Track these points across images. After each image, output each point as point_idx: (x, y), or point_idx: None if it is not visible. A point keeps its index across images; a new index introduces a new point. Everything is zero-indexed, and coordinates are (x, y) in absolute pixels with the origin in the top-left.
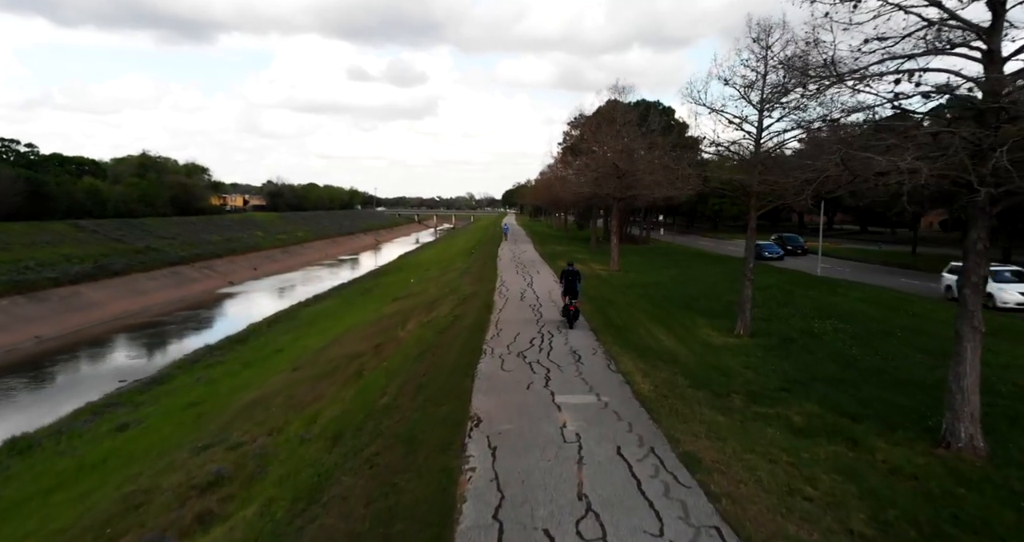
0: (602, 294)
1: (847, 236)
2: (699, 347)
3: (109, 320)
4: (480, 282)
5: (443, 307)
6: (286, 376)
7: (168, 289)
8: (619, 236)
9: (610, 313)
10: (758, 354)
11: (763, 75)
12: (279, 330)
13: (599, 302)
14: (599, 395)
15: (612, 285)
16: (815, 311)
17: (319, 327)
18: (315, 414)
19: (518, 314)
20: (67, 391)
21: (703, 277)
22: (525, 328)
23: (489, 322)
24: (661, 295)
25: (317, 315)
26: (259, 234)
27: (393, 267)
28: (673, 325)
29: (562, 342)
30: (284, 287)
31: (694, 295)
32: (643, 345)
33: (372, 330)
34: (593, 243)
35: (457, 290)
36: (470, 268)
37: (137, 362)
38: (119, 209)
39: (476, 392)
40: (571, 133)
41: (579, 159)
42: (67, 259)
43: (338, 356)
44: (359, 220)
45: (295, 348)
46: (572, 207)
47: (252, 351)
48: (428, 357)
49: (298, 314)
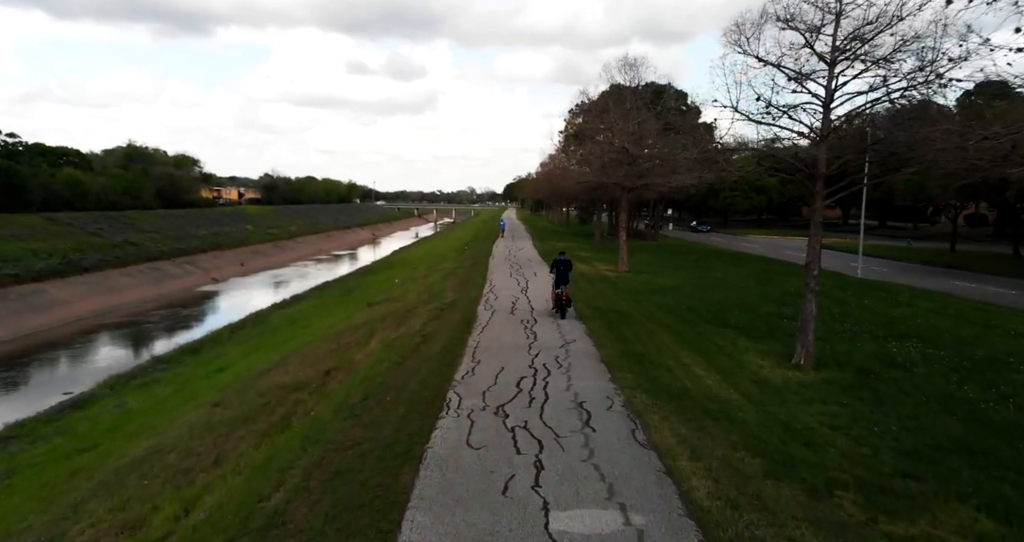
0: (612, 304)
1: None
2: (754, 388)
3: (73, 321)
4: (465, 287)
5: (416, 320)
6: (204, 413)
7: (143, 286)
8: (628, 232)
9: (626, 333)
10: (837, 399)
11: (837, 14)
12: (239, 338)
13: (610, 316)
14: (625, 509)
15: (623, 290)
16: (883, 328)
17: (280, 336)
18: (195, 498)
19: (505, 335)
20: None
21: (728, 281)
22: (512, 359)
23: (465, 347)
24: (684, 305)
25: (287, 320)
26: (249, 228)
27: (383, 264)
28: (710, 350)
29: (563, 384)
30: (268, 285)
31: (723, 304)
32: (678, 388)
33: (331, 347)
34: (597, 239)
35: (438, 296)
36: (457, 268)
37: (80, 373)
38: (101, 201)
39: (415, 503)
40: (573, 121)
41: (583, 146)
42: (34, 254)
43: (276, 386)
44: (356, 214)
45: (239, 367)
46: (574, 200)
47: (195, 368)
48: (370, 409)
49: (268, 318)
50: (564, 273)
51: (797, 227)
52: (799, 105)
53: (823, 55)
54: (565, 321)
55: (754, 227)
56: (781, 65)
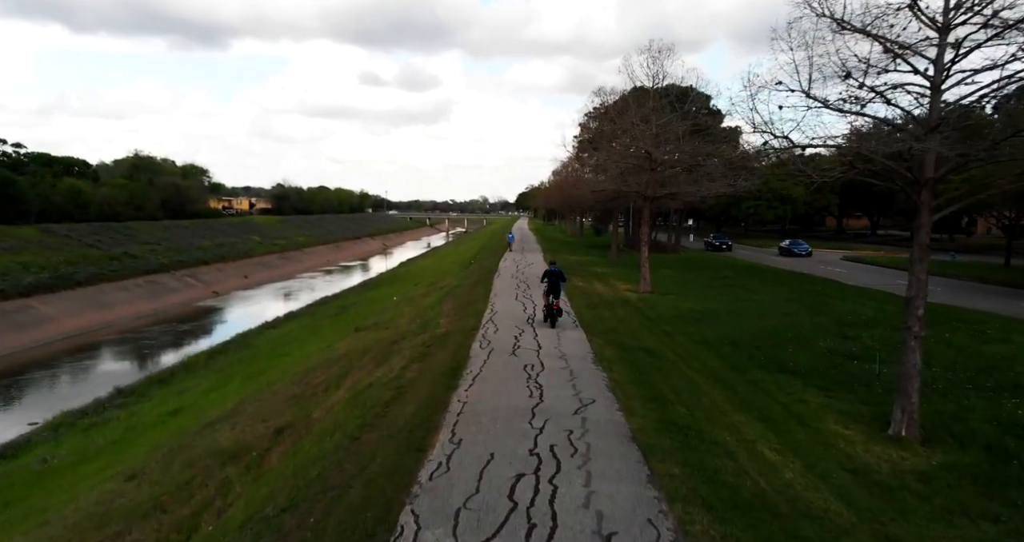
0: (638, 338)
1: (895, 243)
2: (855, 486)
3: (58, 339)
4: (463, 312)
5: (397, 359)
6: (111, 491)
7: (139, 301)
8: (650, 245)
9: (661, 386)
10: (982, 507)
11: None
12: (215, 366)
13: (637, 358)
14: None
15: (648, 318)
16: (985, 374)
17: (255, 367)
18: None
19: (501, 391)
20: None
21: (769, 305)
22: (507, 438)
23: (446, 413)
24: (725, 338)
25: (270, 344)
26: (256, 239)
27: (387, 278)
28: (775, 414)
29: (578, 492)
30: (268, 299)
31: (772, 337)
32: (748, 493)
33: (295, 391)
34: (613, 252)
35: (431, 323)
36: (459, 287)
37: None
38: (103, 212)
39: None
40: (588, 126)
41: (599, 153)
42: (25, 267)
43: (212, 452)
44: (367, 224)
45: (194, 410)
46: (589, 210)
47: (153, 406)
48: (284, 534)
49: (254, 341)
50: (556, 283)
51: (822, 238)
52: (900, 86)
53: (932, 18)
54: (581, 367)
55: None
56: (871, 32)
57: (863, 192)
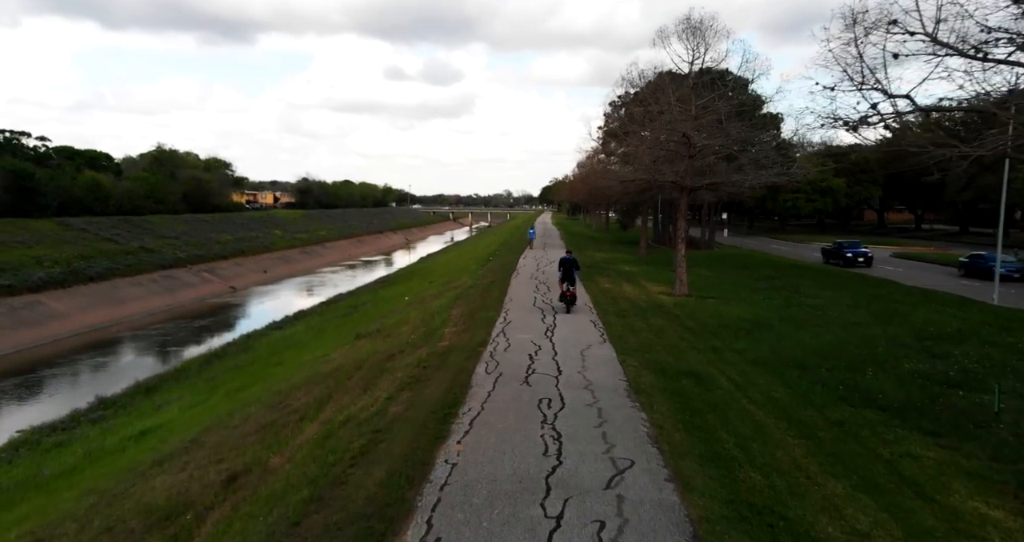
0: (681, 358)
1: (943, 238)
2: None
3: (66, 336)
4: (471, 321)
5: (385, 383)
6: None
7: (152, 297)
8: (686, 242)
9: (719, 432)
10: None
11: None
12: (206, 374)
13: (681, 384)
14: None
15: (689, 329)
16: None
17: (241, 380)
18: None
19: (509, 445)
20: None
21: (828, 311)
22: (508, 535)
23: (424, 484)
24: (786, 357)
25: (269, 349)
26: (277, 233)
27: (404, 274)
28: (880, 477)
29: None
30: (284, 295)
31: (843, 355)
32: None
33: (265, 420)
34: (642, 248)
35: (434, 334)
36: (472, 288)
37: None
38: (123, 206)
39: None
40: (615, 114)
41: (629, 137)
42: (37, 262)
43: (141, 510)
44: (391, 218)
45: (160, 434)
46: (615, 204)
47: (124, 425)
48: None
49: (256, 343)
50: (570, 271)
51: (861, 233)
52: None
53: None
54: (612, 402)
55: (816, 232)
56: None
57: (910, 183)
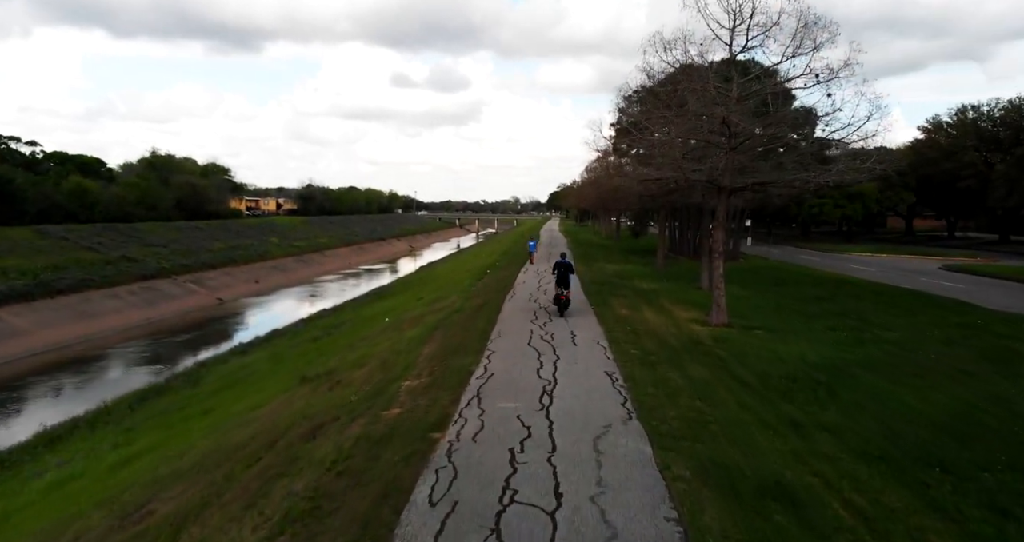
0: (745, 445)
1: (982, 247)
2: None
3: (23, 356)
4: (440, 373)
5: (280, 493)
6: None
7: (130, 310)
8: (724, 256)
9: None
10: None
11: None
12: (135, 417)
13: (769, 523)
14: None
15: (746, 385)
16: None
17: (158, 434)
18: None
19: None
20: None
21: (915, 348)
22: None
23: None
24: (907, 442)
25: (217, 384)
26: (273, 241)
27: (399, 286)
28: None
29: None
30: (272, 308)
31: (984, 435)
32: None
33: (134, 520)
34: (660, 260)
35: (386, 390)
36: (457, 312)
37: None
38: (111, 212)
39: None
40: (629, 110)
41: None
42: (2, 273)
43: None
44: (395, 225)
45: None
46: (626, 209)
47: (30, 483)
48: None
49: (208, 375)
50: (564, 275)
51: (888, 241)
52: None
53: None
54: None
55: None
56: None
57: (943, 188)
